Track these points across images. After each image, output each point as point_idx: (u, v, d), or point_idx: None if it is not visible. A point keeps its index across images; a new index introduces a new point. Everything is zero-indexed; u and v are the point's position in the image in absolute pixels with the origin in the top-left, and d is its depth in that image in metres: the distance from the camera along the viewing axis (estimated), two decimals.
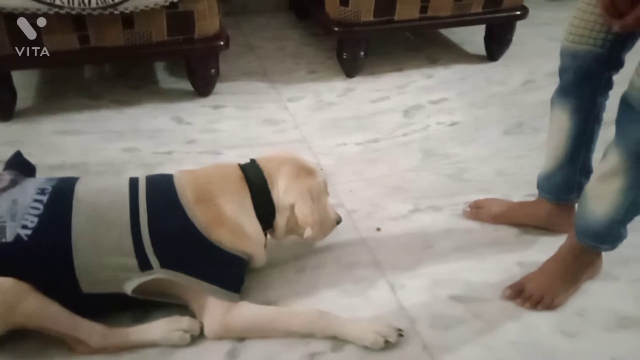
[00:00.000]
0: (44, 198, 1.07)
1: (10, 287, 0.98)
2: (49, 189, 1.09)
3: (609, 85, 1.25)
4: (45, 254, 1.03)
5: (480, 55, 2.47)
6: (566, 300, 1.24)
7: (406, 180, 1.65)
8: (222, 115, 1.99)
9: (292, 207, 1.17)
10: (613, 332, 1.17)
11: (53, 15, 1.70)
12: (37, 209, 1.05)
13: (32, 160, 1.62)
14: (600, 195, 1.15)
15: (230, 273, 1.15)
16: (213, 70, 2.03)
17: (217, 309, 1.11)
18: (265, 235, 1.22)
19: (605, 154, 1.14)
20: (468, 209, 1.51)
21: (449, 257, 1.37)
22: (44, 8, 1.67)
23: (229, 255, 1.12)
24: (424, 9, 2.16)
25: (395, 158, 1.76)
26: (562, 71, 1.27)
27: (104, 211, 1.08)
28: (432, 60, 2.44)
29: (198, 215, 1.10)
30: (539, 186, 1.42)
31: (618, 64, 1.21)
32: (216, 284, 1.10)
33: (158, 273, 1.07)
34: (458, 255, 1.38)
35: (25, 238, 1.02)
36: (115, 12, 1.74)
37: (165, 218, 1.09)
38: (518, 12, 2.29)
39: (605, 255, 1.27)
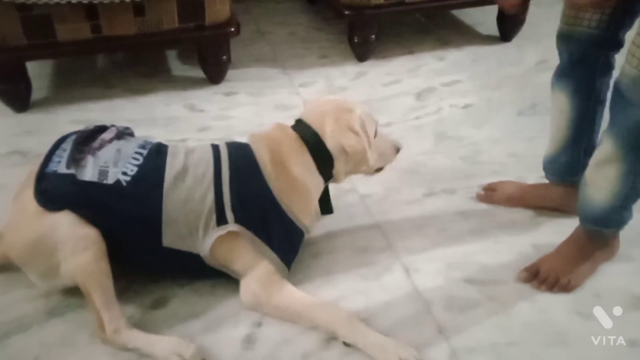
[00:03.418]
0: (144, 152, 1.17)
1: (97, 237, 1.08)
2: (149, 144, 1.21)
3: (608, 66, 1.24)
4: (139, 200, 1.11)
5: (492, 36, 2.44)
6: (582, 281, 1.24)
7: (419, 164, 1.65)
8: (235, 101, 1.99)
9: (342, 147, 1.21)
10: (629, 313, 1.17)
11: (65, 4, 1.71)
12: (137, 159, 1.15)
13: None
14: (598, 181, 1.16)
15: (290, 244, 1.20)
16: (224, 57, 2.03)
17: (263, 278, 1.14)
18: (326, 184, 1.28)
19: (600, 141, 1.14)
20: (482, 192, 1.51)
21: (463, 240, 1.38)
22: None
23: (293, 226, 1.19)
24: None
25: (408, 141, 1.73)
26: (560, 53, 1.27)
27: (192, 168, 1.16)
28: (444, 42, 2.42)
29: (273, 178, 1.16)
30: (544, 169, 1.42)
31: (616, 45, 1.19)
32: (275, 251, 1.15)
33: (231, 226, 1.12)
34: (472, 238, 1.38)
35: (124, 183, 1.11)
36: (127, 0, 1.75)
37: (244, 177, 1.16)
38: None
39: (622, 236, 1.26)
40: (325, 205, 1.29)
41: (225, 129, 1.82)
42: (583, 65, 1.24)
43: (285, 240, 1.19)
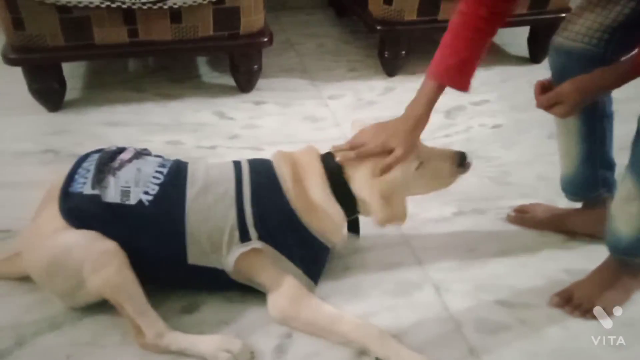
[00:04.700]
0: (165, 170, 1.17)
1: (114, 249, 1.07)
2: (169, 163, 1.21)
3: None
4: (162, 220, 1.12)
5: (522, 57, 2.44)
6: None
7: None
8: (263, 111, 2.00)
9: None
10: None
11: (105, 8, 1.73)
12: (158, 178, 1.15)
13: (81, 150, 1.66)
14: (623, 216, 1.16)
15: (314, 260, 1.20)
16: (256, 66, 2.05)
17: (290, 293, 1.14)
18: (349, 218, 1.25)
19: (622, 178, 1.14)
20: (512, 214, 1.50)
21: (493, 261, 1.36)
22: (96, 1, 1.71)
23: (317, 242, 1.18)
24: None
25: None
26: (556, 69, 1.24)
27: (213, 185, 1.16)
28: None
29: (294, 196, 1.16)
30: (563, 190, 1.41)
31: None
32: (299, 267, 1.15)
33: (255, 244, 1.12)
34: (502, 260, 1.37)
35: (147, 203, 1.11)
36: (164, 7, 1.77)
37: (266, 194, 1.16)
38: (564, 14, 2.25)
39: None
40: (354, 227, 1.30)
41: (254, 138, 1.83)
42: None
43: (309, 256, 1.18)
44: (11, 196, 1.51)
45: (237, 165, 1.22)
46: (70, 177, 1.14)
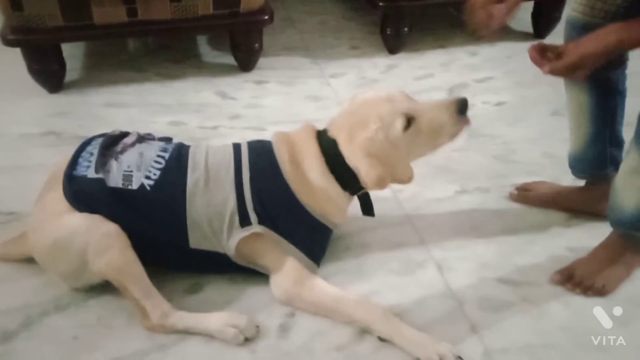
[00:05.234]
0: (166, 155, 1.17)
1: (116, 231, 1.08)
2: (171, 147, 1.20)
3: (622, 59, 1.22)
4: (163, 205, 1.12)
5: (526, 32, 2.41)
6: (617, 286, 1.22)
7: (452, 161, 1.64)
8: (266, 90, 1.99)
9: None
10: None
11: None
12: (160, 163, 1.15)
13: (83, 131, 1.69)
14: (628, 189, 1.15)
15: (315, 241, 1.20)
16: (257, 45, 2.03)
17: (292, 274, 1.14)
18: (357, 194, 1.22)
19: (628, 151, 1.13)
20: (515, 192, 1.49)
21: (497, 239, 1.37)
22: None
23: (317, 223, 1.18)
24: None
25: None
26: (568, 42, 1.21)
27: (213, 170, 1.16)
28: (477, 37, 2.38)
29: (292, 178, 1.15)
30: (571, 167, 1.41)
31: None
32: (301, 249, 1.15)
33: (255, 228, 1.12)
34: (505, 238, 1.37)
35: (148, 188, 1.12)
36: None
37: (265, 177, 1.15)
38: None
39: None
40: (366, 207, 1.25)
41: (256, 118, 1.83)
42: None
43: (309, 237, 1.19)
44: (15, 179, 1.52)
45: (236, 148, 1.21)
46: (74, 161, 1.14)
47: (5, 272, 1.23)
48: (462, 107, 1.14)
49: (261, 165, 1.17)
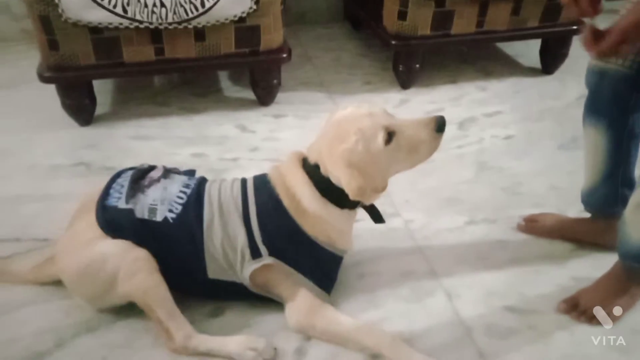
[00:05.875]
0: (188, 190, 1.25)
1: (145, 256, 1.16)
2: (193, 182, 1.28)
3: (639, 104, 1.26)
4: (184, 237, 1.20)
5: (534, 68, 2.49)
6: (622, 315, 1.27)
7: (461, 192, 1.71)
8: (283, 124, 2.09)
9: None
10: None
11: (133, 29, 1.84)
12: (182, 198, 1.23)
13: (111, 163, 1.79)
14: (635, 223, 1.19)
15: (325, 270, 1.25)
16: (275, 81, 2.13)
17: (305, 303, 1.20)
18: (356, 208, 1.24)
19: (637, 185, 1.17)
20: (522, 223, 1.55)
21: (504, 268, 1.42)
22: (125, 22, 1.81)
23: (325, 252, 1.23)
24: (480, 23, 2.20)
25: (449, 170, 1.82)
26: (590, 88, 1.30)
27: (225, 205, 1.22)
28: (486, 72, 2.48)
29: (293, 210, 1.20)
30: (583, 202, 1.45)
31: None
32: (310, 279, 1.21)
33: (266, 260, 1.19)
34: (512, 268, 1.42)
35: (171, 220, 1.20)
36: (189, 27, 1.87)
37: (269, 212, 1.21)
38: (575, 27, 2.30)
39: None
40: (375, 216, 1.27)
41: (274, 150, 1.91)
42: (615, 102, 1.26)
43: (319, 267, 1.24)
44: (47, 207, 1.61)
45: (243, 184, 1.27)
46: (106, 192, 1.23)
47: (34, 295, 1.32)
48: (440, 125, 1.17)
49: (265, 199, 1.22)
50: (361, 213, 1.29)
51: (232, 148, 1.92)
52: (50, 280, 1.30)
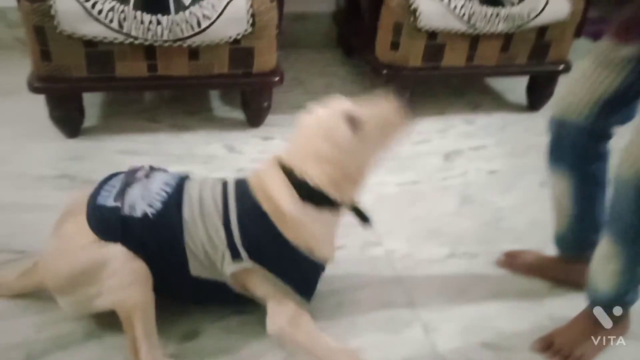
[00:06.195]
0: (168, 189, 1.24)
1: (144, 271, 1.16)
2: (173, 183, 1.27)
3: (600, 154, 1.29)
4: (164, 232, 1.19)
5: (521, 104, 2.54)
6: (595, 356, 1.28)
7: (444, 224, 1.72)
8: (271, 146, 2.10)
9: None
10: None
11: (128, 44, 1.85)
12: (162, 195, 1.22)
13: (96, 176, 1.74)
14: (600, 273, 1.22)
15: (304, 278, 1.24)
16: (266, 104, 2.15)
17: (285, 311, 1.19)
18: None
19: (602, 236, 1.20)
20: (503, 258, 1.57)
21: (482, 303, 1.43)
22: (120, 37, 1.82)
23: (306, 259, 1.21)
24: (470, 58, 2.25)
25: (433, 201, 1.83)
26: (551, 137, 1.32)
27: (205, 205, 1.21)
28: (474, 106, 2.52)
29: (273, 215, 1.19)
30: (555, 245, 1.48)
31: (604, 137, 1.26)
32: (290, 285, 1.20)
33: (246, 263, 1.18)
34: (491, 303, 1.43)
35: (151, 216, 1.18)
36: (184, 45, 1.88)
37: (250, 217, 1.20)
38: (562, 66, 2.36)
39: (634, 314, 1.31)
40: (361, 218, 1.27)
41: None
42: (575, 153, 1.28)
43: (299, 274, 1.23)
44: (27, 218, 1.59)
45: (224, 187, 1.26)
46: (96, 193, 1.22)
47: (4, 309, 1.29)
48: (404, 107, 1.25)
49: (246, 204, 1.21)
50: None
51: (219, 168, 1.93)
52: (38, 288, 1.28)
